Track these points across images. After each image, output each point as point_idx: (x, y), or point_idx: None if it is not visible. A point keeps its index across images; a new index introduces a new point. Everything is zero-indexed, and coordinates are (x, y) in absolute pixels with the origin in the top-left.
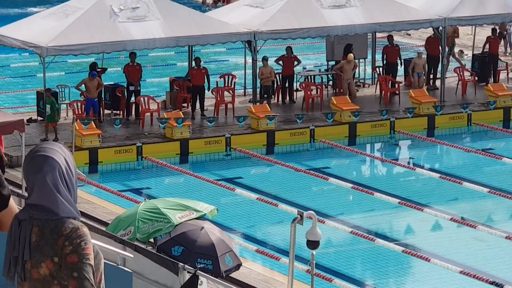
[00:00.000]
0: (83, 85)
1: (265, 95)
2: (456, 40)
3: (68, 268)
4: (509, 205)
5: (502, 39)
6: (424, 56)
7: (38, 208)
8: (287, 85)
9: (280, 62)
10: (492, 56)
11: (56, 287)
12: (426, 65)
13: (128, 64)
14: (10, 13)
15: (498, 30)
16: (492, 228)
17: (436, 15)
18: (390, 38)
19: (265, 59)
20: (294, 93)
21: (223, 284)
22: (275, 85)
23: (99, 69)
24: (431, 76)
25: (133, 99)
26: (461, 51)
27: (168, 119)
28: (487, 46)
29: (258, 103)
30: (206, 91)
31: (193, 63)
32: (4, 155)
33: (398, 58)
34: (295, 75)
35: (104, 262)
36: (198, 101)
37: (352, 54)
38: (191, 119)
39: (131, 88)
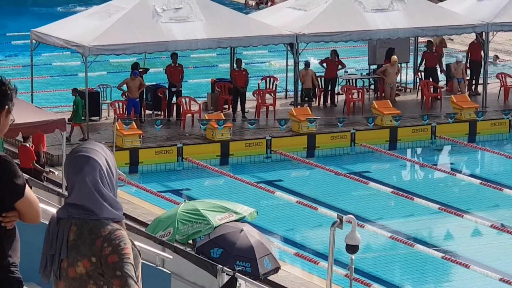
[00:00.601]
0: (125, 85)
1: (306, 98)
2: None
3: (110, 268)
4: None
5: None
6: (463, 62)
7: (77, 207)
8: (329, 88)
9: (324, 65)
10: None
11: (92, 286)
12: (468, 70)
13: (169, 65)
14: (53, 12)
15: None
16: None
17: (479, 20)
18: (429, 43)
19: (306, 64)
20: (336, 96)
21: (262, 287)
22: (316, 89)
23: (141, 69)
24: (473, 81)
25: (174, 100)
26: (496, 56)
27: (209, 121)
28: None
29: (299, 106)
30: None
31: (235, 65)
32: (42, 155)
33: (438, 64)
34: (337, 79)
35: (143, 263)
36: (239, 103)
37: (395, 57)
38: (232, 121)
39: (173, 89)
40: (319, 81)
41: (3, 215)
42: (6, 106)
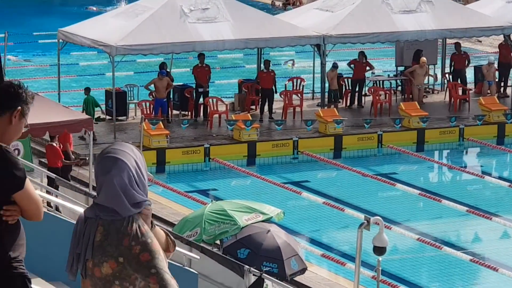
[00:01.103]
0: (152, 85)
1: (333, 99)
2: None
3: (144, 267)
4: None
5: None
6: (495, 64)
7: (104, 208)
8: (356, 89)
9: (352, 66)
10: None
11: (117, 287)
12: (496, 72)
13: (197, 65)
14: (80, 11)
15: None
16: None
17: (508, 22)
18: (457, 45)
19: (334, 65)
20: (363, 98)
21: (288, 287)
22: (343, 89)
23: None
24: (502, 83)
25: (201, 100)
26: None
27: (236, 121)
28: None
29: (326, 107)
30: (274, 93)
31: (262, 66)
32: (71, 154)
33: (466, 65)
34: (365, 80)
35: (170, 263)
36: (266, 103)
37: (425, 58)
38: (259, 121)
39: (200, 90)
40: (346, 82)
41: (4, 208)
42: (19, 107)
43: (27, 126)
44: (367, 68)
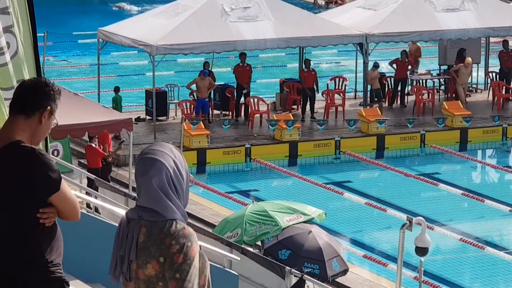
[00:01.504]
0: (194, 85)
1: (375, 99)
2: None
3: (173, 268)
4: None
5: None
6: None
7: (146, 210)
8: (399, 88)
9: (394, 65)
10: None
11: (160, 287)
12: None
13: (238, 65)
14: (120, 11)
15: None
16: None
17: None
18: (505, 43)
19: (375, 65)
20: (406, 97)
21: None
22: (386, 89)
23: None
24: None
25: (242, 100)
26: None
27: (278, 121)
28: None
29: (368, 107)
30: (316, 93)
31: (303, 65)
32: (109, 155)
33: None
34: (407, 79)
35: (210, 265)
36: (308, 103)
37: (470, 59)
38: (301, 121)
39: (244, 91)
40: (389, 81)
41: (41, 211)
42: (49, 107)
43: (55, 123)
44: (409, 66)
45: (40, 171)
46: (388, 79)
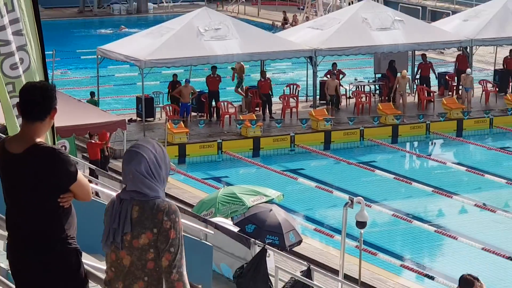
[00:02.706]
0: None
1: (331, 104)
2: (477, 57)
3: (168, 243)
4: None
5: None
6: (471, 74)
7: (135, 192)
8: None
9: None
10: (510, 72)
11: (151, 254)
12: (455, 78)
13: (209, 76)
14: (112, 33)
15: None
16: (508, 212)
17: (464, 36)
18: (423, 56)
19: (333, 73)
20: (347, 100)
21: (287, 256)
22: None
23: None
24: (460, 87)
25: (214, 103)
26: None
27: (244, 121)
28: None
29: (317, 108)
30: (272, 98)
31: (260, 76)
32: (106, 150)
33: (430, 72)
34: (343, 85)
35: (189, 237)
36: (267, 106)
37: (405, 71)
38: (263, 120)
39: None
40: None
41: (61, 196)
42: (55, 107)
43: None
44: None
45: (62, 167)
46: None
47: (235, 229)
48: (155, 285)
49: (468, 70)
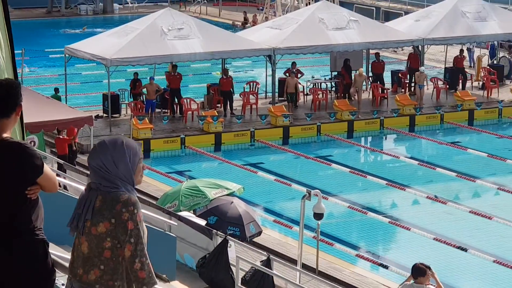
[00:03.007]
0: (144, 89)
1: (290, 101)
2: (429, 55)
3: (127, 234)
4: (472, 186)
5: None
6: (424, 72)
7: (104, 183)
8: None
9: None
10: (460, 70)
11: (108, 243)
12: (407, 75)
13: (169, 73)
14: (79, 33)
15: (464, 50)
16: (458, 204)
17: (416, 36)
18: (376, 55)
19: (292, 71)
20: (305, 97)
21: (247, 247)
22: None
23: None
24: (413, 84)
25: (177, 100)
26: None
27: (206, 117)
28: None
29: (276, 104)
30: (233, 95)
31: (222, 74)
32: (74, 145)
33: (383, 71)
34: (300, 83)
35: (154, 229)
36: (228, 103)
37: (362, 69)
38: (224, 116)
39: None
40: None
41: (28, 189)
42: (20, 103)
43: None
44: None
45: (28, 160)
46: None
47: (202, 222)
48: (111, 274)
49: (422, 68)
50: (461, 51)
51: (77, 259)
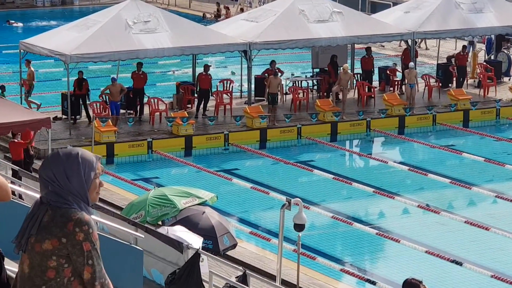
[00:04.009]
0: (107, 90)
1: (271, 102)
2: (421, 51)
3: (84, 256)
4: (467, 193)
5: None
6: (415, 69)
7: (54, 197)
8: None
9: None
10: (461, 68)
11: (53, 262)
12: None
13: (134, 72)
14: (38, 26)
15: (466, 46)
16: (453, 213)
17: (406, 29)
18: (368, 49)
19: (276, 72)
20: (284, 96)
21: (221, 261)
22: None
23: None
24: (404, 82)
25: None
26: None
27: (175, 118)
28: (453, 59)
29: (253, 104)
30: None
31: (202, 69)
32: (31, 149)
33: (373, 67)
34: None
35: (119, 241)
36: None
37: (347, 65)
38: (195, 118)
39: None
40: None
41: None
42: None
43: None
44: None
45: None
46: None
47: (199, 239)
48: None
49: (411, 64)
50: (464, 47)
51: (20, 279)
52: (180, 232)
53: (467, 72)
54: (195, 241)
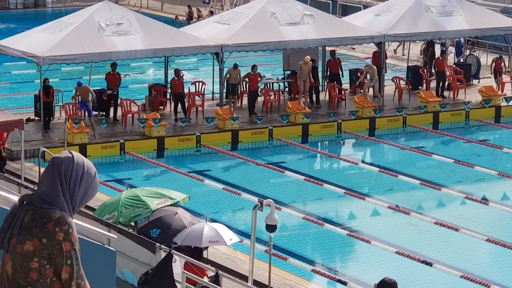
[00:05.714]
0: (77, 92)
1: (232, 93)
2: (391, 53)
3: (63, 256)
4: (437, 195)
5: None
6: (372, 63)
7: (38, 197)
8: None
9: (247, 79)
10: (441, 73)
11: (35, 264)
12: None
13: (109, 73)
14: (11, 28)
15: (445, 51)
16: (422, 214)
17: (377, 32)
18: (332, 52)
19: (235, 65)
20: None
21: (194, 262)
22: (240, 88)
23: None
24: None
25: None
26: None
27: (147, 120)
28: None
29: (225, 101)
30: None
31: (174, 74)
32: (3, 150)
33: (339, 69)
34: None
35: (91, 242)
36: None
37: (308, 57)
38: (175, 121)
39: (108, 92)
40: (242, 84)
41: None
42: None
43: None
44: (259, 78)
45: None
46: (243, 82)
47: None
48: None
49: (368, 60)
50: (442, 52)
51: (3, 281)
52: (219, 228)
53: (446, 76)
54: (234, 238)
